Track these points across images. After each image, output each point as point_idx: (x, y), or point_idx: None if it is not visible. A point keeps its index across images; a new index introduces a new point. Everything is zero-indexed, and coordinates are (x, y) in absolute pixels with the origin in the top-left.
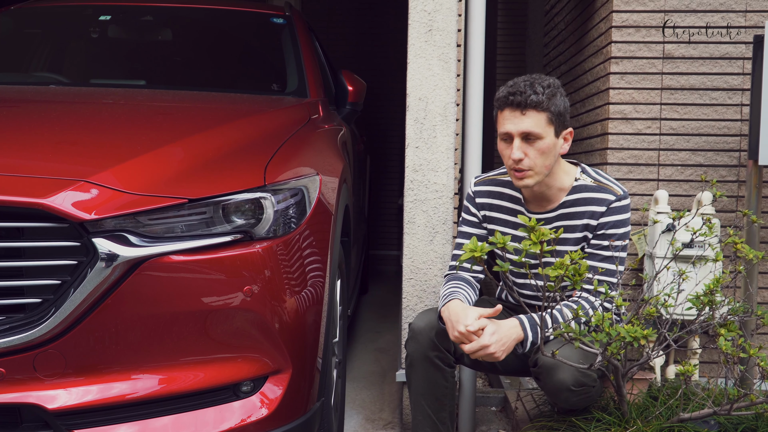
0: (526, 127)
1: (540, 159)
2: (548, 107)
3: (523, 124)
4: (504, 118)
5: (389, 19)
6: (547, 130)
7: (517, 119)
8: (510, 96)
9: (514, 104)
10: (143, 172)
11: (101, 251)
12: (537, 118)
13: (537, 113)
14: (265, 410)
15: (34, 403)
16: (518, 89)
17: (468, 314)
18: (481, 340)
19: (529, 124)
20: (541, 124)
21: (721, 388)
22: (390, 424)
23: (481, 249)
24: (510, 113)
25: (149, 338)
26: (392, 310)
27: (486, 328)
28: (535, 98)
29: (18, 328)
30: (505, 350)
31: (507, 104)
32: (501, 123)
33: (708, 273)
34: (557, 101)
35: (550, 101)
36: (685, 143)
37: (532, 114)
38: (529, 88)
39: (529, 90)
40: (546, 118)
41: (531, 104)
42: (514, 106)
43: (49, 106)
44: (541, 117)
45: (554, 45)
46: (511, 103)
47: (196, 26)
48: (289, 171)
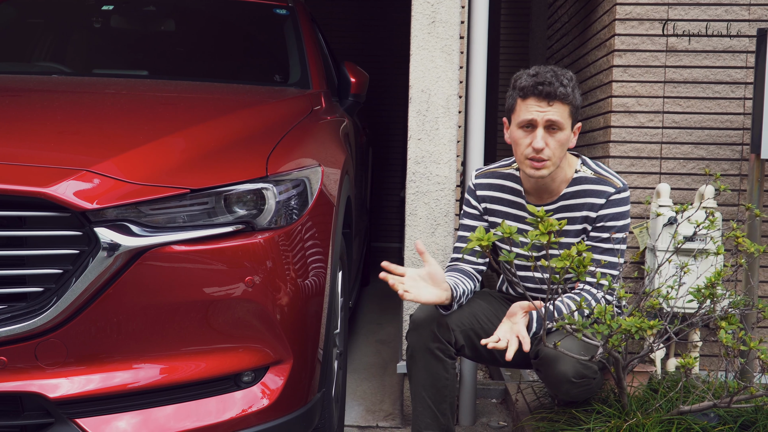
0: (552, 116)
1: (558, 150)
2: (572, 100)
3: (549, 114)
4: (527, 106)
5: (392, 11)
6: (568, 122)
7: (543, 109)
8: (539, 86)
9: (542, 94)
10: (145, 161)
11: (103, 241)
12: (562, 109)
13: (562, 105)
14: (266, 400)
15: (35, 392)
16: (546, 79)
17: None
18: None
19: (556, 115)
20: (565, 116)
21: (721, 381)
22: (391, 415)
23: (488, 238)
24: (535, 102)
25: (151, 328)
26: (393, 302)
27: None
28: (563, 90)
29: (20, 317)
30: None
31: (534, 93)
32: (523, 111)
33: (709, 266)
34: (577, 95)
35: (573, 94)
36: (688, 137)
37: (558, 105)
38: (556, 79)
39: (556, 81)
40: (569, 110)
41: (559, 96)
42: (542, 96)
43: (51, 96)
44: (565, 109)
45: (557, 38)
46: (540, 93)
47: (198, 16)
48: (292, 162)
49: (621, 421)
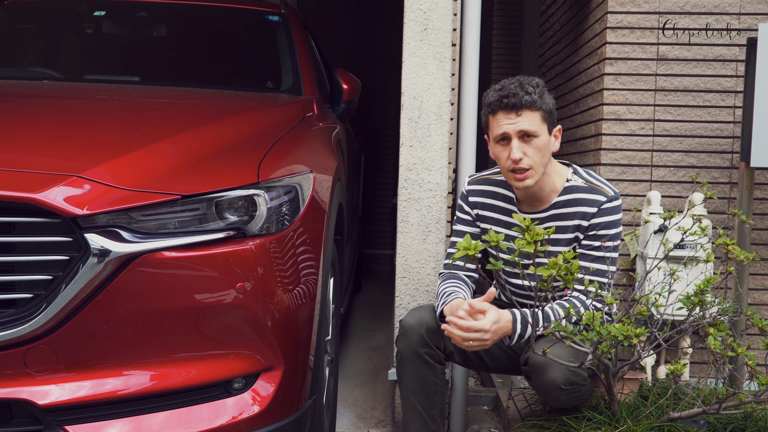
0: (523, 126)
1: (538, 157)
2: (541, 105)
3: (521, 124)
4: (498, 120)
5: (384, 18)
6: (542, 127)
7: (512, 120)
8: (503, 99)
9: (508, 106)
10: (136, 167)
11: (93, 247)
12: (532, 116)
13: (531, 112)
14: (257, 407)
15: (24, 399)
16: (510, 91)
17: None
18: (482, 323)
19: (526, 123)
20: (536, 122)
21: (710, 388)
22: (382, 422)
23: (475, 247)
24: (504, 116)
25: (141, 334)
26: (385, 308)
27: (489, 314)
28: (528, 98)
29: (9, 324)
30: (494, 340)
31: (501, 107)
32: (496, 126)
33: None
34: (546, 99)
35: (542, 99)
36: (678, 145)
37: (527, 113)
38: (520, 89)
39: (521, 91)
40: (540, 116)
41: (526, 104)
42: (508, 109)
43: (42, 101)
44: (535, 115)
45: (549, 45)
46: (506, 106)
47: (191, 23)
48: (283, 168)
49: (611, 428)
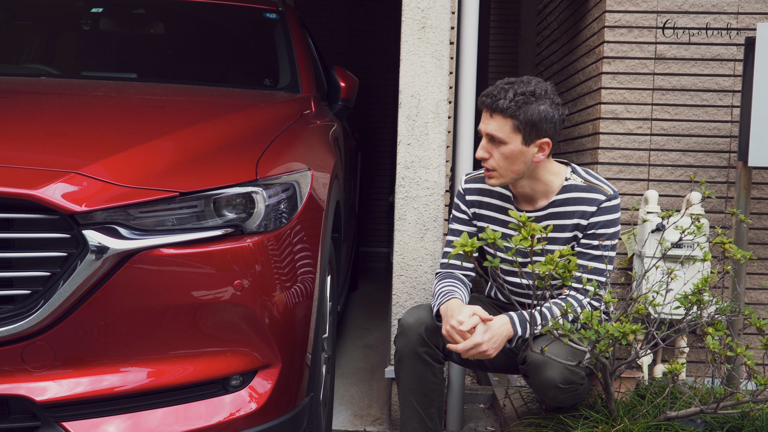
0: (491, 129)
1: (503, 162)
2: (515, 115)
3: (489, 127)
4: (482, 115)
5: (382, 16)
6: (511, 136)
7: (486, 120)
8: (483, 96)
9: (484, 105)
10: (134, 164)
11: (91, 243)
12: (502, 123)
13: (503, 119)
14: (254, 404)
15: (22, 395)
16: (492, 91)
17: (463, 311)
18: (473, 338)
19: (494, 128)
20: (506, 130)
21: (707, 387)
22: (378, 420)
23: (472, 245)
24: (484, 113)
25: (139, 331)
26: (381, 307)
27: (477, 327)
28: (502, 104)
29: (7, 320)
30: (497, 348)
31: (481, 103)
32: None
33: (696, 273)
34: (530, 110)
35: (520, 109)
36: (676, 144)
37: (498, 119)
38: (503, 92)
39: (501, 95)
40: (512, 124)
41: (497, 109)
42: (485, 107)
43: (39, 98)
44: (506, 123)
45: (547, 44)
46: (482, 104)
47: (188, 20)
48: (281, 166)
49: (608, 427)
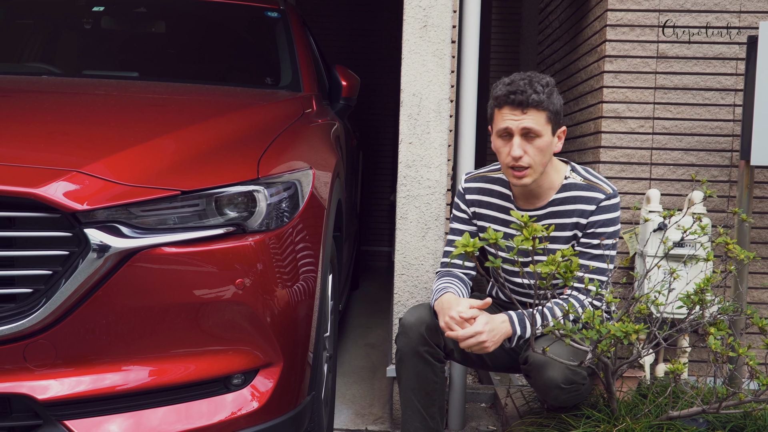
0: (527, 124)
1: (538, 157)
2: (548, 106)
3: (525, 122)
4: (503, 115)
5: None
6: (545, 128)
7: (517, 117)
8: (511, 95)
9: (515, 103)
10: (136, 163)
11: (93, 242)
12: (537, 116)
13: (537, 112)
14: (256, 403)
15: (24, 393)
16: (519, 88)
17: (461, 302)
18: (474, 327)
19: (530, 122)
20: (541, 122)
21: (710, 387)
22: (380, 419)
23: (473, 245)
24: (510, 111)
25: (140, 330)
26: (382, 306)
27: (479, 318)
28: (536, 97)
29: (8, 318)
30: (495, 342)
31: (507, 102)
32: (499, 120)
33: (699, 272)
34: (554, 99)
35: (549, 100)
36: (678, 143)
37: (533, 112)
38: (529, 87)
39: (529, 89)
40: (545, 116)
41: (532, 103)
42: (515, 105)
43: (41, 97)
44: (541, 115)
45: (548, 43)
46: (512, 102)
47: (189, 18)
48: (283, 164)
49: (610, 426)
